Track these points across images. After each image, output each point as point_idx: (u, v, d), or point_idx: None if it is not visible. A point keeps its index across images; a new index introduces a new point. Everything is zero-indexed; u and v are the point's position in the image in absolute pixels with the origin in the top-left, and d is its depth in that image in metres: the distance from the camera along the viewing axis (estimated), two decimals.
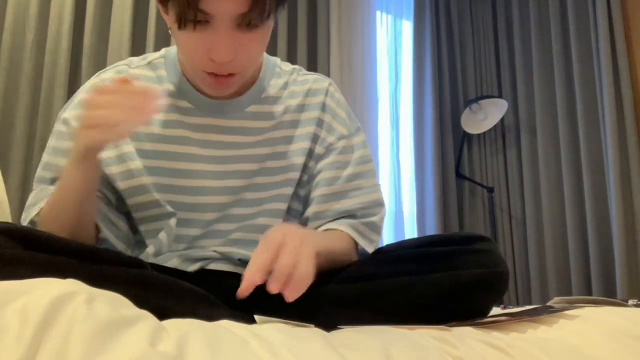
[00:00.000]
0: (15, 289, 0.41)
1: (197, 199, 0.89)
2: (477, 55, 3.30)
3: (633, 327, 0.72)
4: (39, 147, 1.96)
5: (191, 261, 0.89)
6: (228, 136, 0.91)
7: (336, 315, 0.78)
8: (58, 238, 0.65)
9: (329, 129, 0.97)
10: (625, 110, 2.65)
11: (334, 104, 0.99)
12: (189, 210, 0.89)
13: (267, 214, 0.93)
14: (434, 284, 0.77)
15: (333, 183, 0.94)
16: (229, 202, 0.91)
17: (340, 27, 2.71)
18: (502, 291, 0.81)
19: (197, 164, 0.89)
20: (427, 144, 2.93)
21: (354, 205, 0.93)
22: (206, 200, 0.90)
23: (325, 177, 0.94)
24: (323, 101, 0.97)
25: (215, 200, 0.90)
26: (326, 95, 0.98)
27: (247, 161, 0.92)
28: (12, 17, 1.99)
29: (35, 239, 0.63)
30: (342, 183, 0.94)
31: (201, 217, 0.90)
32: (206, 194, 0.90)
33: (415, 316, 0.77)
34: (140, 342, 0.39)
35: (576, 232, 2.74)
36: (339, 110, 1.00)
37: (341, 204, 0.93)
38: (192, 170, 0.89)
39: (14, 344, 0.36)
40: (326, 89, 0.99)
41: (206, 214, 0.90)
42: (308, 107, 0.97)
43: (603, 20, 2.73)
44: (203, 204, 0.89)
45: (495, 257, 0.80)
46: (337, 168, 0.95)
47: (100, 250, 0.68)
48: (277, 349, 0.44)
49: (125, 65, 0.94)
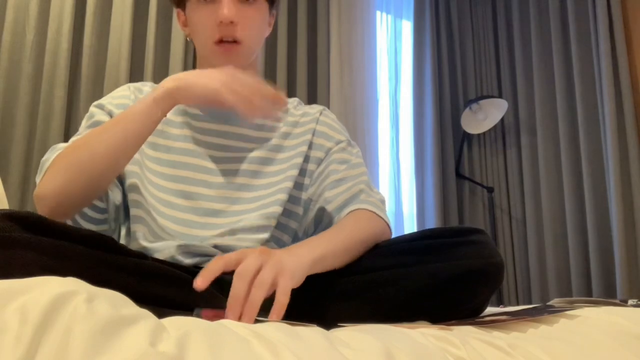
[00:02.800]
0: (15, 288, 0.41)
1: (192, 188, 0.98)
2: (477, 55, 3.30)
3: (633, 327, 0.72)
4: (39, 147, 1.96)
5: (189, 255, 0.92)
6: (227, 140, 1.03)
7: (335, 307, 0.79)
8: (63, 225, 0.66)
9: (325, 137, 1.08)
10: (625, 110, 2.65)
11: (329, 119, 1.12)
12: (185, 198, 0.97)
13: (261, 216, 0.98)
14: (431, 275, 0.79)
15: (340, 169, 1.03)
16: (223, 197, 0.98)
17: (340, 27, 2.71)
18: (497, 282, 0.82)
19: (195, 159, 1.00)
20: (427, 144, 2.93)
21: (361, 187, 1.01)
22: (201, 191, 0.98)
23: (333, 168, 1.03)
24: (317, 117, 1.10)
25: (212, 193, 0.98)
26: (320, 114, 1.11)
27: (242, 162, 1.01)
28: (12, 17, 1.99)
29: (40, 225, 0.64)
30: (348, 169, 1.04)
31: (197, 205, 0.97)
32: (200, 185, 0.98)
33: (412, 307, 0.78)
34: (141, 342, 0.39)
35: (576, 232, 2.74)
36: (334, 123, 1.12)
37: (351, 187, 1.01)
38: (190, 164, 0.99)
39: (13, 344, 0.35)
40: (321, 110, 1.13)
41: (202, 203, 0.97)
42: (303, 123, 1.09)
43: (603, 20, 2.73)
44: (197, 194, 0.97)
45: (490, 248, 0.82)
46: (340, 162, 1.05)
47: (104, 237, 0.69)
48: (277, 348, 0.44)
49: (141, 83, 1.08)
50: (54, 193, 0.83)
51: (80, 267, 0.62)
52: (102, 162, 0.84)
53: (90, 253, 0.65)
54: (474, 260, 0.79)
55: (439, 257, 0.80)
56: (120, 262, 0.67)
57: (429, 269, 0.79)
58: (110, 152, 0.84)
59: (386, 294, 0.79)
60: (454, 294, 0.79)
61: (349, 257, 0.83)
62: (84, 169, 0.83)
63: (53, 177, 0.84)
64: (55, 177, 0.84)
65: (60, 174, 0.84)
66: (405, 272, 0.80)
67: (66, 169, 0.84)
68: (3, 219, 0.61)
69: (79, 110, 2.05)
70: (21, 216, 0.63)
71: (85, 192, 0.86)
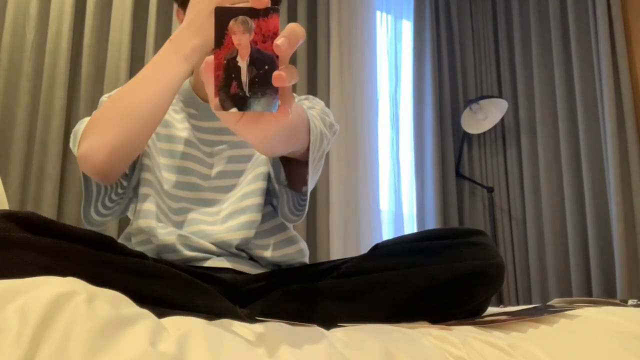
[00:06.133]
0: (15, 288, 0.41)
1: (187, 178, 1.01)
2: (477, 55, 3.30)
3: (633, 327, 0.72)
4: (39, 147, 1.96)
5: (189, 248, 0.93)
6: (220, 136, 1.05)
7: (335, 309, 0.79)
8: (63, 225, 0.66)
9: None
10: (625, 110, 2.65)
11: (308, 100, 1.07)
12: (180, 189, 1.00)
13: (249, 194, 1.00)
14: (431, 276, 0.79)
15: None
16: (218, 187, 1.01)
17: (340, 27, 2.71)
18: (498, 283, 0.82)
19: (192, 149, 1.03)
20: (427, 144, 2.93)
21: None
22: (196, 181, 1.01)
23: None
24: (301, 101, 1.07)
25: (205, 184, 1.01)
26: (306, 99, 1.08)
27: (235, 155, 1.04)
28: (12, 17, 1.99)
29: (40, 225, 0.64)
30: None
31: (191, 195, 1.00)
32: (193, 175, 1.01)
33: (413, 308, 0.78)
34: (141, 342, 0.39)
35: (576, 232, 2.74)
36: (309, 102, 1.07)
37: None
38: (187, 153, 1.02)
39: (13, 344, 0.35)
40: (305, 96, 1.09)
41: (198, 193, 1.01)
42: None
43: (603, 20, 2.73)
44: (192, 183, 1.01)
45: (491, 249, 0.82)
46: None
47: (104, 237, 0.69)
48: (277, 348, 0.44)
49: None
50: (109, 145, 0.82)
51: (80, 267, 0.62)
52: (148, 106, 0.83)
53: (90, 253, 0.65)
54: (475, 262, 0.79)
55: (439, 258, 0.80)
56: (120, 262, 0.67)
57: (429, 271, 0.79)
58: (150, 96, 0.84)
59: (386, 295, 0.79)
60: (455, 296, 0.79)
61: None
62: (133, 116, 0.83)
63: (103, 130, 0.84)
64: (106, 129, 0.83)
65: (109, 127, 0.83)
66: (405, 273, 0.79)
67: (115, 121, 0.84)
68: (3, 219, 0.61)
69: (79, 110, 2.05)
70: (21, 216, 0.63)
71: (137, 140, 0.85)
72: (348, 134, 2.63)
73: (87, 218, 0.95)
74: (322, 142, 0.88)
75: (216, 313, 0.70)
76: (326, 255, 2.42)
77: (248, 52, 0.52)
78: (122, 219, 1.97)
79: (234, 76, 0.52)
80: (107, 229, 2.01)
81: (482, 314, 0.87)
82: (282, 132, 0.63)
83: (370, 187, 2.63)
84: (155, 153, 1.00)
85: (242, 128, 0.57)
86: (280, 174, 0.98)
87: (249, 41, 0.52)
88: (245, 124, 0.57)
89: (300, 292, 0.83)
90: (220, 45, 0.52)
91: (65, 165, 2.02)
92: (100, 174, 0.85)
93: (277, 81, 0.51)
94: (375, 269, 0.82)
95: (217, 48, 0.52)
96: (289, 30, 0.52)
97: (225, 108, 0.52)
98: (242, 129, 0.57)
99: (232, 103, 0.52)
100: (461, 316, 0.81)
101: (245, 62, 0.52)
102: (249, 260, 0.98)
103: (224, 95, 0.52)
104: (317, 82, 2.62)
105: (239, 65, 0.52)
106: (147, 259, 0.74)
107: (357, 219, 2.56)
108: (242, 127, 0.57)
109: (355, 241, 2.54)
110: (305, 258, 1.05)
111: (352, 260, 0.88)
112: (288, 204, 0.98)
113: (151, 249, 0.94)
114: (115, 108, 0.85)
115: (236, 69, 0.52)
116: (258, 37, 0.52)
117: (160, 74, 0.84)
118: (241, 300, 0.85)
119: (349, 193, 2.58)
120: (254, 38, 0.52)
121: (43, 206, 1.91)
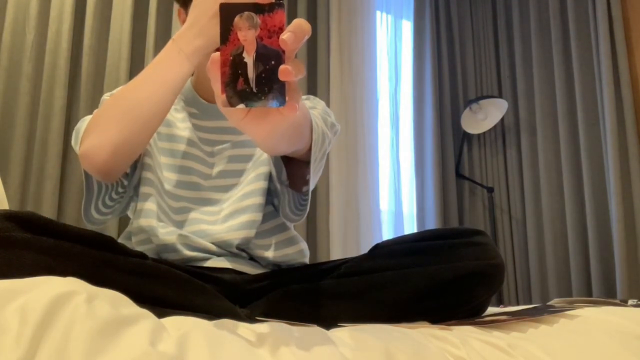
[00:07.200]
0: (15, 288, 0.41)
1: (188, 177, 1.01)
2: (477, 55, 3.30)
3: (633, 327, 0.72)
4: (39, 147, 1.96)
5: (189, 247, 0.93)
6: (221, 135, 1.05)
7: (335, 309, 0.79)
8: (63, 225, 0.66)
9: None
10: (625, 110, 2.65)
11: (308, 100, 1.06)
12: (181, 188, 1.00)
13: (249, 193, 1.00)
14: (431, 276, 0.79)
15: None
16: (219, 187, 1.01)
17: (340, 27, 2.71)
18: (498, 283, 0.82)
19: (193, 148, 1.03)
20: (427, 144, 2.93)
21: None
22: (196, 180, 1.01)
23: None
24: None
25: (206, 184, 1.01)
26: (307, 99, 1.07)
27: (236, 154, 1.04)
28: (12, 17, 1.99)
29: (40, 225, 0.64)
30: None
31: (192, 194, 1.00)
32: (194, 174, 1.01)
33: (413, 308, 0.78)
34: (141, 342, 0.39)
35: (576, 232, 2.74)
36: (313, 99, 1.07)
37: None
38: (188, 152, 1.02)
39: (13, 344, 0.35)
40: (306, 96, 1.09)
41: (199, 193, 1.00)
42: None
43: (603, 20, 2.73)
44: (193, 183, 1.01)
45: (491, 249, 0.82)
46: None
47: (104, 237, 0.69)
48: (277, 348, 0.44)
49: None
50: (111, 143, 0.83)
51: (80, 267, 0.62)
52: (150, 104, 0.84)
53: (90, 253, 0.65)
54: (475, 262, 0.79)
55: (439, 258, 0.80)
56: (120, 262, 0.67)
57: (429, 271, 0.79)
58: (153, 95, 0.84)
59: (386, 295, 0.79)
60: (455, 296, 0.79)
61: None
62: (135, 114, 0.83)
63: (105, 128, 0.84)
64: (108, 127, 0.83)
65: (111, 125, 0.84)
66: (405, 273, 0.80)
67: (117, 119, 0.84)
68: (3, 220, 0.61)
69: (79, 110, 2.05)
70: (21, 216, 0.63)
71: (139, 139, 0.85)
72: (348, 134, 2.63)
73: (87, 216, 0.95)
74: (323, 142, 0.88)
75: (216, 313, 0.70)
76: (326, 256, 2.42)
77: (254, 47, 0.52)
78: (122, 218, 1.98)
79: (240, 72, 0.52)
80: (107, 229, 2.01)
81: (482, 314, 0.87)
82: (287, 130, 0.63)
83: (370, 187, 2.63)
84: (156, 152, 1.00)
85: (248, 125, 0.57)
86: (282, 173, 0.97)
87: (255, 37, 0.52)
88: (251, 121, 0.57)
89: (300, 292, 0.83)
90: (226, 42, 0.52)
91: (65, 165, 2.02)
92: (102, 172, 0.85)
93: (284, 75, 0.51)
94: (376, 269, 0.82)
95: (222, 44, 0.52)
96: (295, 25, 0.52)
97: (232, 104, 0.52)
98: (247, 126, 0.57)
99: (239, 99, 0.52)
100: (461, 316, 0.81)
101: (251, 57, 0.52)
102: (249, 260, 0.98)
103: (230, 91, 0.52)
104: (317, 82, 2.62)
105: (245, 61, 0.52)
106: (147, 259, 0.74)
107: (357, 219, 2.56)
108: (248, 124, 0.57)
109: (355, 241, 2.53)
110: (305, 258, 1.05)
111: (352, 260, 0.88)
112: (289, 203, 0.98)
113: (151, 249, 0.94)
114: (118, 106, 0.85)
115: (242, 65, 0.52)
116: (264, 32, 0.52)
117: (162, 73, 0.84)
118: (241, 301, 0.85)
119: (349, 193, 2.58)
120: (260, 34, 0.52)
121: (43, 206, 1.91)
